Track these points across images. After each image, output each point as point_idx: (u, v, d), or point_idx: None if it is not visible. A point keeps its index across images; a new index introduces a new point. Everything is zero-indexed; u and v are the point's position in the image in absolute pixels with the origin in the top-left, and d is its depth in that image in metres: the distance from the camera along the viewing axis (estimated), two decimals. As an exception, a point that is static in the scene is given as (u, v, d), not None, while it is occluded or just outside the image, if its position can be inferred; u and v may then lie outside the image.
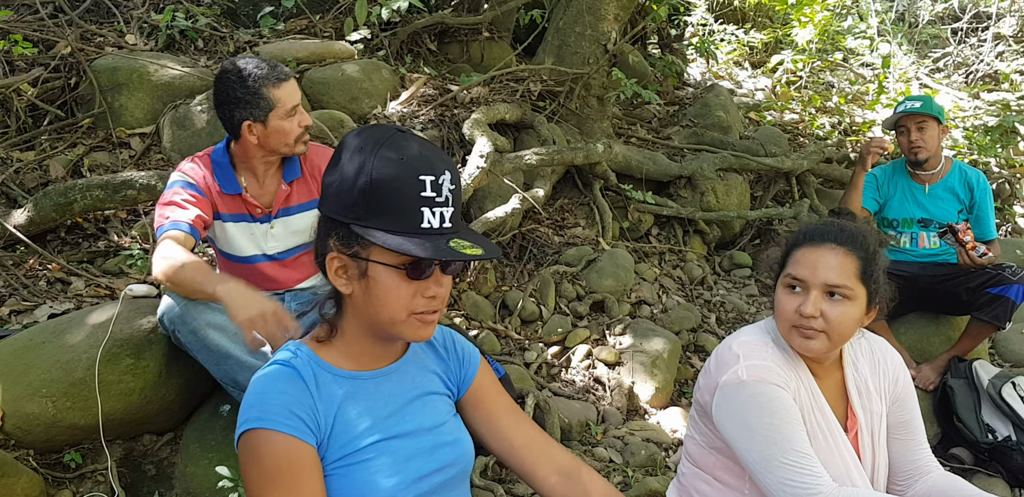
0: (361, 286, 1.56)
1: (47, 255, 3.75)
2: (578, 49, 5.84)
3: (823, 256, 2.04)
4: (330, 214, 1.57)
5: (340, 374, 1.64)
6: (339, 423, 1.60)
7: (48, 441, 2.82)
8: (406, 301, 1.54)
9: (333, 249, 1.57)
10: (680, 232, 5.74)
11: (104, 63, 4.81)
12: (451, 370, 1.84)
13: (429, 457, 1.67)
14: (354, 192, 1.50)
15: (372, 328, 1.63)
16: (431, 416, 1.73)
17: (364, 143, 1.53)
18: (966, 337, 4.24)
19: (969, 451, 3.90)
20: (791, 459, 1.93)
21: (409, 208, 1.49)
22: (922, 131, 4.24)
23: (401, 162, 1.50)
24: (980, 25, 10.69)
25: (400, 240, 1.47)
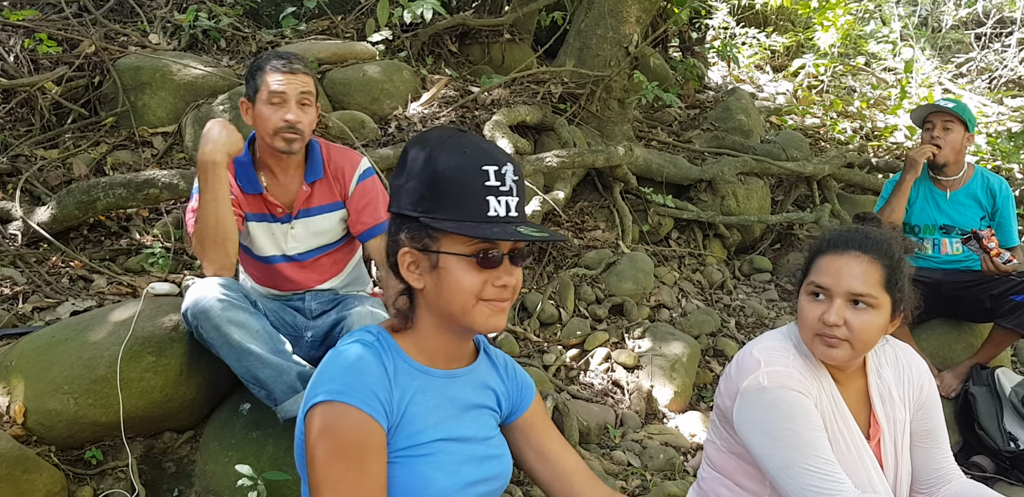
0: (433, 278, 1.60)
1: (70, 253, 3.77)
2: (599, 51, 5.84)
3: (847, 264, 2.02)
4: (399, 210, 1.62)
5: (416, 367, 1.68)
6: (409, 414, 1.63)
7: (70, 438, 2.83)
8: (477, 289, 1.58)
9: (404, 244, 1.62)
10: (700, 236, 5.72)
11: (127, 62, 4.84)
12: (509, 393, 1.88)
13: (479, 466, 1.71)
14: (421, 186, 1.56)
15: (445, 321, 1.66)
16: (483, 428, 1.78)
17: (426, 141, 1.59)
18: (989, 344, 4.20)
19: (991, 459, 3.86)
20: (813, 465, 1.92)
21: (475, 197, 1.54)
22: (947, 131, 4.19)
23: (464, 154, 1.56)
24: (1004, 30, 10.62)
25: (468, 226, 1.53)
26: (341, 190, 3.05)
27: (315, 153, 3.02)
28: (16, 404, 2.79)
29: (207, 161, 2.72)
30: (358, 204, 3.05)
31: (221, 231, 2.75)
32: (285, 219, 3.01)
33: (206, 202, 2.75)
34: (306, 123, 2.87)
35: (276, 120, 2.83)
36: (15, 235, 3.84)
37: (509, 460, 1.83)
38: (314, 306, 3.11)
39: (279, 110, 2.83)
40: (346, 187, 3.05)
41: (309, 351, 3.01)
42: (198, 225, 2.78)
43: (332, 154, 3.06)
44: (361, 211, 3.06)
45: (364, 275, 3.38)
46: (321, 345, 3.02)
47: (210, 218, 2.75)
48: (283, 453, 2.89)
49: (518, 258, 1.63)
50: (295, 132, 2.84)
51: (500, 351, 1.95)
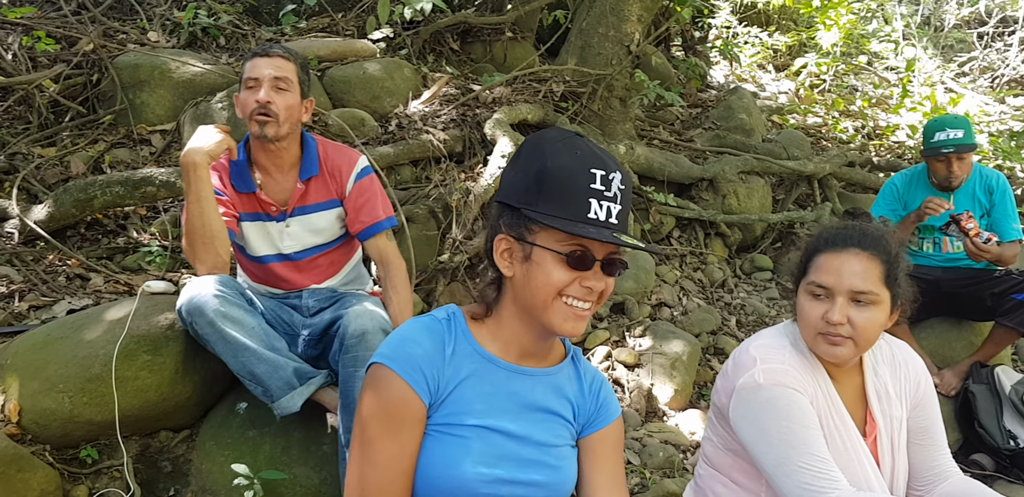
0: (523, 269, 1.62)
1: (67, 251, 3.75)
2: (601, 50, 5.82)
3: (847, 262, 2.01)
4: (503, 199, 1.65)
5: (480, 352, 1.70)
6: (457, 393, 1.65)
7: (65, 436, 2.81)
8: (562, 285, 1.59)
9: (502, 230, 1.64)
10: (701, 234, 5.70)
11: (126, 60, 4.82)
12: (585, 408, 1.82)
13: (523, 467, 1.68)
14: (528, 178, 1.59)
15: (526, 315, 1.67)
16: (546, 434, 1.73)
17: (543, 140, 1.63)
18: (989, 343, 4.19)
19: (990, 457, 3.86)
20: (807, 463, 1.91)
21: (579, 197, 1.56)
22: (962, 161, 4.16)
23: (575, 155, 1.58)
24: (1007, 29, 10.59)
25: (565, 224, 1.54)
26: (338, 188, 3.03)
27: (311, 150, 3.01)
28: (11, 403, 2.77)
29: (186, 162, 2.76)
30: (356, 203, 3.04)
31: (208, 231, 2.76)
32: (280, 217, 3.00)
33: (190, 203, 2.77)
34: (281, 106, 2.85)
35: (250, 102, 2.84)
36: (12, 233, 3.82)
37: (569, 475, 1.77)
38: (311, 303, 3.09)
39: (253, 93, 2.84)
40: (343, 185, 3.03)
41: (305, 349, 3.00)
42: (186, 227, 2.80)
43: (329, 152, 3.05)
44: (359, 210, 3.04)
45: (364, 274, 3.36)
46: (318, 343, 3.00)
47: (195, 219, 2.76)
48: (280, 452, 2.88)
49: (612, 267, 1.62)
50: (267, 114, 2.83)
51: (594, 369, 1.90)
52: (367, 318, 2.76)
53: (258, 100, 2.82)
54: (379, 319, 2.78)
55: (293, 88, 2.90)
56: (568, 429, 1.79)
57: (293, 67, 2.91)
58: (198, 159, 2.75)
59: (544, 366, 1.77)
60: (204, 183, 2.76)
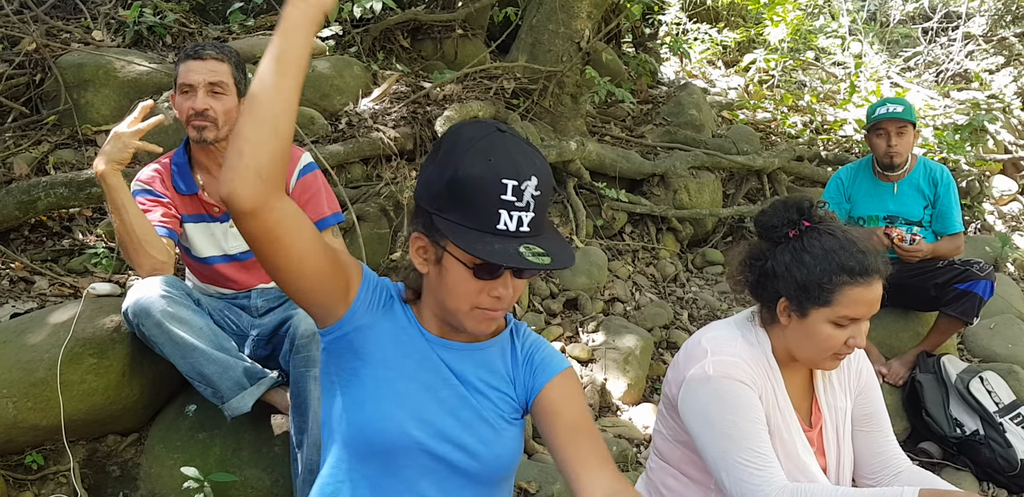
0: (436, 270, 1.61)
1: (10, 254, 3.69)
2: (552, 47, 5.83)
3: (874, 291, 1.99)
4: (418, 200, 1.62)
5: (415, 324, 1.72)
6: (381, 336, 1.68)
7: (8, 442, 2.77)
8: (472, 296, 1.59)
9: (419, 228, 1.62)
10: (653, 230, 5.74)
11: (70, 59, 4.74)
12: (521, 374, 1.80)
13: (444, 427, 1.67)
14: (440, 184, 1.54)
15: (440, 310, 1.67)
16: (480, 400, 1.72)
17: (459, 139, 1.56)
18: (934, 332, 4.26)
19: (938, 445, 3.93)
20: (745, 458, 1.93)
21: (487, 208, 1.51)
22: (901, 136, 4.23)
23: (488, 163, 1.52)
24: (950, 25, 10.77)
25: (471, 239, 1.51)
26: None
27: None
28: (-47, 409, 2.72)
29: (96, 173, 2.72)
30: (300, 199, 3.01)
31: (135, 238, 2.73)
32: (223, 218, 2.97)
33: (111, 212, 2.75)
34: (219, 111, 2.81)
35: (186, 109, 2.80)
36: (-47, 236, 3.76)
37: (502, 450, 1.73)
38: (260, 303, 3.07)
39: (188, 99, 2.80)
40: (287, 182, 3.00)
41: (255, 350, 2.97)
42: (116, 235, 2.77)
43: None
44: (304, 207, 3.01)
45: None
46: (267, 344, 2.98)
47: (120, 227, 2.74)
48: (230, 454, 2.86)
49: (523, 273, 1.61)
50: (204, 119, 2.80)
51: (536, 339, 1.86)
52: (317, 319, 2.74)
53: (193, 108, 2.79)
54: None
55: (230, 91, 2.85)
56: (507, 402, 1.75)
57: (228, 69, 2.86)
58: (103, 168, 2.70)
59: (475, 340, 1.76)
60: (117, 191, 2.71)
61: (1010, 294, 5.28)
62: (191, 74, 2.79)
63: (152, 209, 2.83)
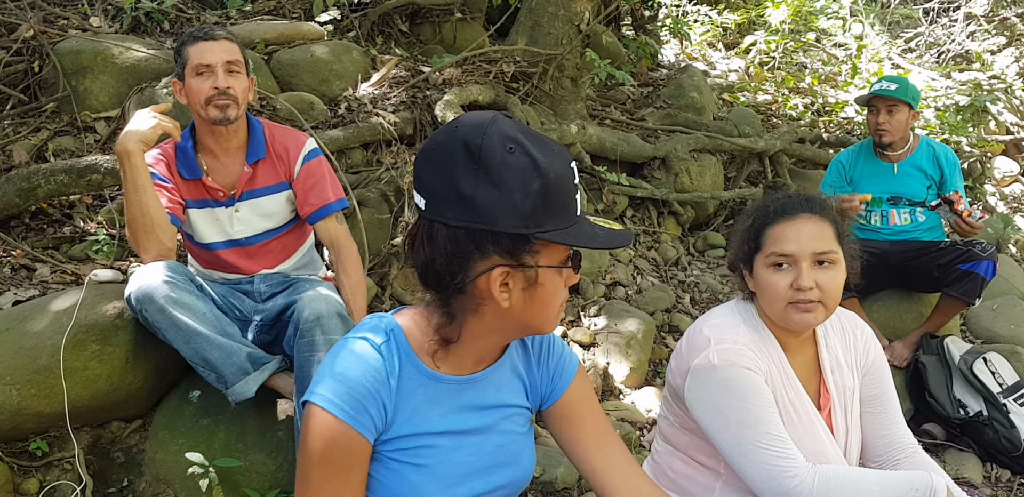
0: (524, 296, 1.45)
1: (11, 241, 3.68)
2: (551, 30, 5.80)
3: (803, 227, 2.03)
4: (504, 229, 1.38)
5: (426, 374, 1.56)
6: (406, 421, 1.54)
7: (13, 429, 2.77)
8: (561, 295, 1.50)
9: (497, 265, 1.41)
10: (654, 213, 5.72)
11: (68, 46, 4.72)
12: (538, 381, 1.74)
13: (485, 476, 1.62)
14: (533, 198, 1.36)
15: (509, 331, 1.56)
16: (500, 434, 1.66)
17: (508, 141, 1.37)
18: (937, 313, 4.26)
19: (941, 426, 3.93)
20: (764, 442, 1.93)
21: (571, 198, 1.42)
22: (891, 114, 4.22)
23: (555, 153, 1.40)
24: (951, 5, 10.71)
25: (578, 237, 1.41)
26: (286, 170, 3.01)
27: (257, 133, 2.99)
28: (-43, 396, 2.72)
29: (119, 151, 2.72)
30: (304, 185, 3.02)
31: (149, 220, 2.74)
32: (228, 202, 2.97)
33: (127, 192, 2.74)
34: (237, 89, 2.83)
35: (206, 89, 2.80)
36: (-46, 224, 3.75)
37: (528, 463, 1.71)
38: (263, 288, 3.07)
39: (207, 79, 2.80)
40: (291, 167, 3.01)
41: (258, 335, 2.98)
42: (127, 216, 2.77)
43: (275, 134, 3.02)
44: (308, 192, 3.02)
45: (316, 259, 3.35)
46: (271, 329, 2.98)
47: (134, 208, 2.74)
48: (234, 440, 2.86)
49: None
50: (227, 98, 2.80)
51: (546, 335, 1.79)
52: (322, 303, 2.74)
53: (217, 86, 2.79)
54: (334, 303, 2.77)
55: (243, 69, 2.90)
56: (523, 415, 1.72)
57: (238, 48, 2.90)
58: (131, 147, 2.70)
59: (492, 362, 1.65)
60: (139, 171, 2.72)
61: (1012, 275, 5.28)
62: (207, 54, 2.80)
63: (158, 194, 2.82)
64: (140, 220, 2.74)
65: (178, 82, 2.90)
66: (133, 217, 2.75)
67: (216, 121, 2.83)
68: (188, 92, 2.85)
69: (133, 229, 2.77)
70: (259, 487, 2.80)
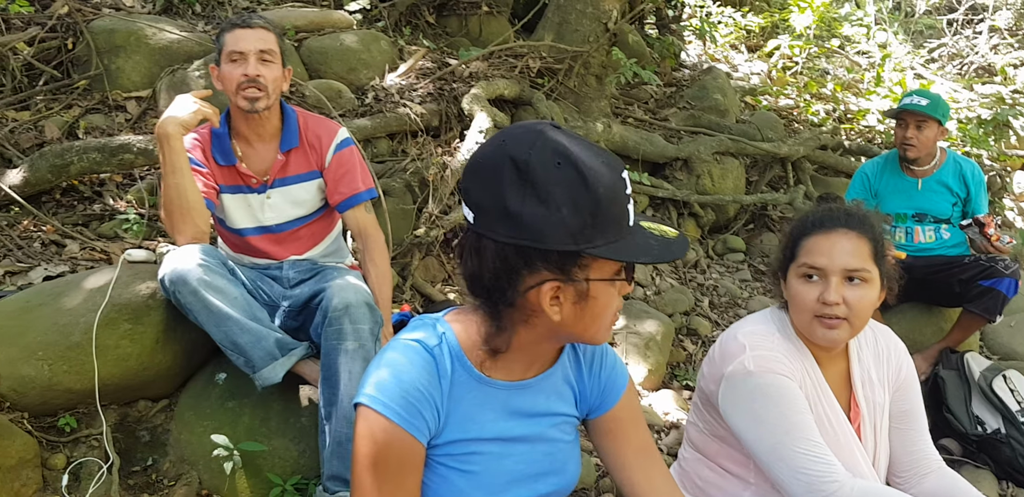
0: (576, 309, 1.44)
1: (42, 217, 3.70)
2: (578, 27, 5.80)
3: (837, 242, 2.03)
4: (553, 247, 1.36)
5: (477, 378, 1.56)
6: (457, 424, 1.55)
7: (43, 404, 2.79)
8: (616, 308, 1.48)
9: (547, 280, 1.40)
10: (675, 215, 5.73)
11: (101, 24, 4.74)
12: (588, 392, 1.73)
13: (531, 483, 1.62)
14: (582, 215, 1.34)
15: (561, 340, 1.56)
16: (549, 442, 1.66)
17: (558, 156, 1.35)
18: (957, 329, 4.25)
19: (958, 442, 3.92)
20: (803, 448, 1.93)
21: (624, 211, 1.39)
22: (920, 130, 4.22)
23: (605, 165, 1.37)
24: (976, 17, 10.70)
25: (631, 250, 1.39)
26: (318, 159, 3.03)
27: (291, 122, 3.01)
28: (-11, 369, 2.74)
29: (159, 134, 2.74)
30: (335, 174, 3.04)
31: (185, 203, 2.75)
32: (261, 189, 2.99)
33: (166, 175, 2.76)
34: (269, 78, 2.85)
35: (237, 76, 2.82)
36: (-14, 197, 3.76)
37: (574, 471, 1.71)
38: (292, 275, 3.09)
39: (239, 66, 2.83)
40: (323, 156, 3.03)
41: (285, 321, 2.99)
42: (163, 198, 2.79)
43: (309, 123, 3.04)
44: (338, 181, 3.04)
45: (343, 247, 3.36)
46: (298, 315, 3.00)
47: (171, 191, 2.75)
48: (258, 424, 2.88)
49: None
50: (257, 87, 2.82)
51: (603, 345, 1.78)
52: (351, 291, 2.75)
53: (246, 74, 2.81)
54: (362, 292, 2.79)
55: (277, 59, 2.91)
56: (571, 423, 1.72)
57: (275, 38, 2.92)
58: (171, 130, 2.72)
59: (544, 369, 1.64)
60: (178, 154, 2.74)
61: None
62: (241, 42, 2.82)
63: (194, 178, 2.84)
64: (176, 202, 2.76)
65: (215, 68, 2.92)
66: (169, 199, 2.76)
67: (246, 109, 2.86)
68: (223, 78, 2.87)
69: (169, 211, 2.78)
70: (281, 472, 2.81)
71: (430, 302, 4.09)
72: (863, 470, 2.06)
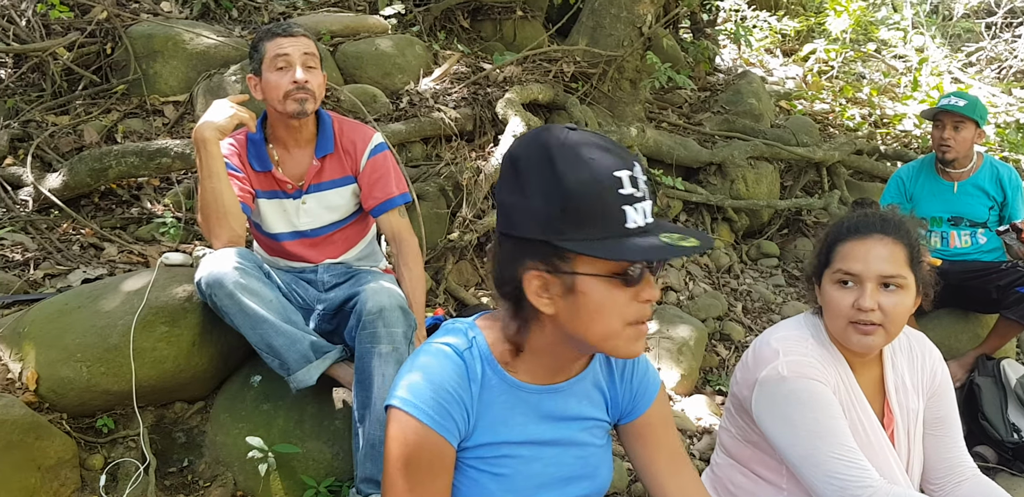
0: (567, 303, 1.42)
1: (81, 220, 3.75)
2: (613, 31, 5.80)
3: (873, 247, 2.01)
4: (520, 234, 1.41)
5: (508, 382, 1.57)
6: (488, 427, 1.56)
7: (81, 405, 2.83)
8: (622, 310, 1.41)
9: (529, 266, 1.42)
10: (708, 219, 5.71)
11: (139, 30, 4.80)
12: (619, 397, 1.73)
13: (563, 489, 1.63)
14: (549, 205, 1.35)
15: (568, 344, 1.52)
16: (580, 446, 1.67)
17: (540, 149, 1.39)
18: (994, 335, 4.21)
19: (993, 450, 3.88)
20: (838, 453, 1.91)
21: (612, 210, 1.35)
22: (957, 131, 4.18)
23: (591, 162, 1.35)
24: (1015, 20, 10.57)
25: (612, 247, 1.34)
26: (352, 164, 3.04)
27: (326, 127, 3.03)
28: (29, 371, 2.78)
29: (197, 138, 2.76)
30: (370, 179, 3.05)
31: (221, 207, 2.78)
32: (296, 195, 3.01)
33: (202, 179, 2.78)
34: (314, 84, 2.88)
35: (285, 83, 2.84)
36: (26, 201, 3.82)
37: (606, 475, 1.71)
38: (327, 278, 3.10)
39: (286, 73, 2.84)
40: (357, 161, 3.05)
41: (319, 324, 3.01)
42: (200, 202, 2.81)
43: (344, 128, 3.06)
44: (373, 186, 3.06)
45: (377, 251, 3.38)
46: (332, 318, 3.02)
47: (208, 195, 2.78)
48: (293, 426, 2.90)
49: (658, 267, 1.46)
50: (305, 92, 2.85)
51: None
52: (385, 295, 2.76)
53: (296, 81, 2.83)
54: (396, 296, 2.79)
55: (319, 65, 2.94)
56: (602, 428, 1.73)
57: (315, 45, 2.95)
58: (208, 135, 2.75)
59: (575, 374, 1.64)
60: (215, 159, 2.77)
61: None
62: (288, 48, 2.85)
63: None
64: (213, 206, 2.78)
65: (254, 77, 2.93)
66: (206, 203, 2.79)
67: (294, 114, 2.87)
68: (266, 87, 2.89)
69: (206, 215, 2.81)
70: (315, 475, 2.82)
71: (463, 306, 4.10)
72: (897, 477, 2.04)
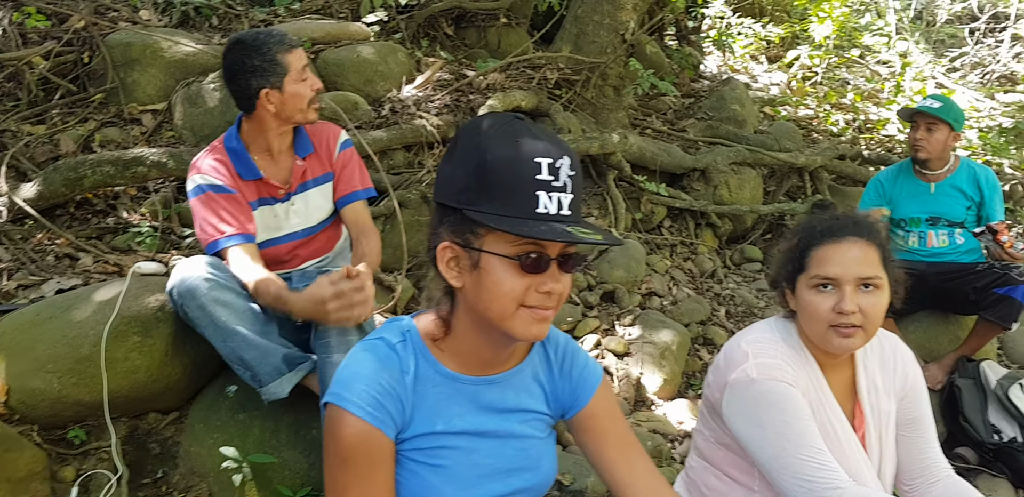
0: (472, 279, 1.47)
1: (56, 230, 3.72)
2: (596, 38, 5.80)
3: (848, 250, 2.01)
4: (441, 200, 1.50)
5: (442, 372, 1.60)
6: (424, 419, 1.58)
7: (53, 417, 2.80)
8: (518, 294, 1.45)
9: (445, 238, 1.49)
10: (692, 225, 5.71)
11: (117, 38, 4.77)
12: (559, 390, 1.76)
13: (504, 479, 1.64)
14: (467, 176, 1.43)
15: (483, 326, 1.53)
16: (520, 438, 1.68)
17: (479, 129, 1.46)
18: (973, 337, 4.22)
19: (974, 451, 3.89)
20: (806, 455, 1.91)
21: (524, 191, 1.41)
22: (930, 132, 4.22)
23: (516, 144, 1.42)
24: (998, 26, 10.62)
25: (514, 223, 1.39)
26: (329, 159, 3.10)
27: (301, 130, 3.05)
28: (-1, 382, 2.75)
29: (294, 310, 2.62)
30: (339, 173, 3.11)
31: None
32: (285, 198, 3.01)
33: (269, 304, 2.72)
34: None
35: (309, 92, 2.88)
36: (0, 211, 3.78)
37: (549, 468, 1.73)
38: (301, 287, 3.07)
39: (308, 83, 2.89)
40: (331, 154, 3.11)
41: (297, 333, 2.98)
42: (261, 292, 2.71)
43: (312, 128, 3.09)
44: (339, 178, 3.11)
45: (348, 250, 3.36)
46: (307, 327, 2.98)
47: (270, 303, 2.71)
48: (268, 435, 2.87)
49: (569, 264, 1.49)
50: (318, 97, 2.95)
51: (567, 342, 1.80)
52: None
53: (318, 88, 2.91)
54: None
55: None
56: (543, 421, 1.74)
57: None
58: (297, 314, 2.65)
59: (511, 366, 1.68)
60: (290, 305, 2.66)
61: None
62: (302, 59, 2.88)
63: (235, 215, 2.83)
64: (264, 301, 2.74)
65: (271, 91, 2.82)
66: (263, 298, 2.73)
67: (312, 121, 2.95)
68: (292, 98, 2.84)
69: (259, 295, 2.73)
70: (291, 484, 2.80)
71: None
72: (867, 478, 2.03)
